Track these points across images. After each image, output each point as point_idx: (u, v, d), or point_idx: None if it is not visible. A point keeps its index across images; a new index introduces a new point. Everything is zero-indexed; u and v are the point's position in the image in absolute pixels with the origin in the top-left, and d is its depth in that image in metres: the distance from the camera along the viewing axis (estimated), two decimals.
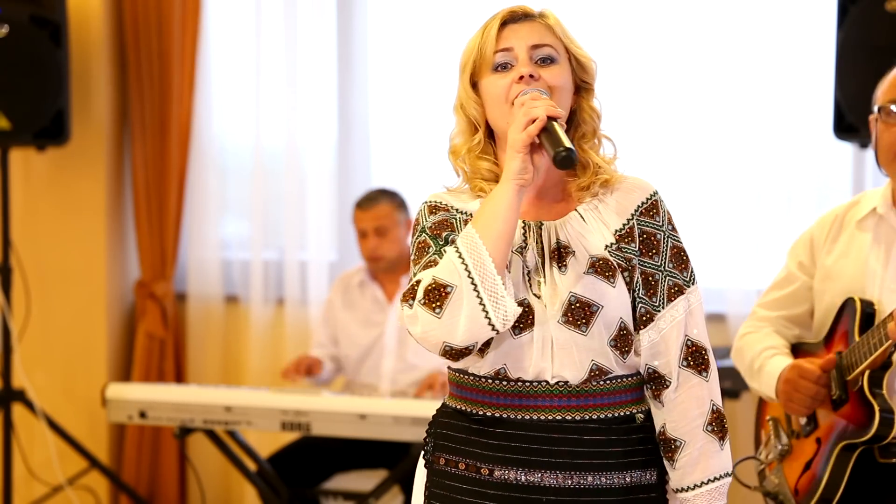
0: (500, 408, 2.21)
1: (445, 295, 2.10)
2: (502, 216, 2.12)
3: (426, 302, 2.11)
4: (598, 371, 2.19)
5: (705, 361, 2.23)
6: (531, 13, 2.26)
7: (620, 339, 2.19)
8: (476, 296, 2.09)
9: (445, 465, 2.27)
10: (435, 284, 2.11)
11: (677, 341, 2.21)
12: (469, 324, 2.10)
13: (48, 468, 4.90)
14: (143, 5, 5.00)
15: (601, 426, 2.20)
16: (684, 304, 2.24)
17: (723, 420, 2.23)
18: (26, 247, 5.02)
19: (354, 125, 5.04)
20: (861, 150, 4.36)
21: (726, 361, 4.27)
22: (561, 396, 2.18)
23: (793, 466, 2.84)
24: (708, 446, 2.21)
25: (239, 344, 5.15)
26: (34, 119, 4.67)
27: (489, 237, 2.11)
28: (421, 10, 4.94)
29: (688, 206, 4.66)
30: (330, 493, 4.36)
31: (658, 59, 4.65)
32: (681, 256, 2.25)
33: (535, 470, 2.19)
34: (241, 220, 5.20)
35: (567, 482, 2.19)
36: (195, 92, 5.02)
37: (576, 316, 2.16)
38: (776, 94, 4.54)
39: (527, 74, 2.20)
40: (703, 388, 2.22)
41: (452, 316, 2.10)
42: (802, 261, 2.91)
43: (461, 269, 2.11)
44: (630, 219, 2.23)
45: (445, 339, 2.12)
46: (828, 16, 4.24)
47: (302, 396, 4.10)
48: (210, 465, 5.08)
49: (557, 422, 2.19)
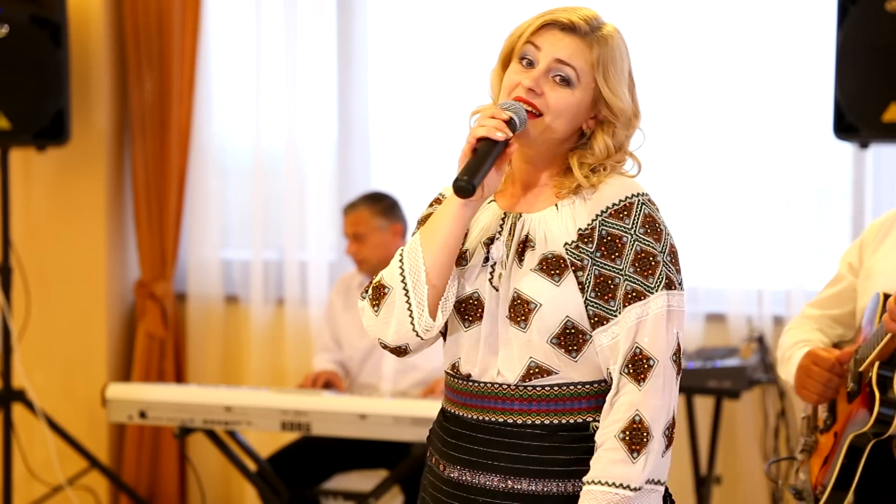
0: (456, 405, 2.26)
1: (383, 295, 2.21)
2: (446, 227, 2.18)
3: (370, 298, 2.23)
4: (538, 370, 2.17)
5: (645, 371, 2.12)
6: (579, 27, 2.20)
7: (566, 338, 2.16)
8: (406, 300, 2.19)
9: (429, 458, 2.34)
10: (378, 283, 2.23)
11: (624, 346, 2.13)
12: (397, 326, 2.20)
13: (48, 468, 4.90)
14: (143, 5, 5.00)
15: (545, 432, 2.18)
16: (638, 311, 2.13)
17: (643, 434, 2.10)
18: (26, 247, 5.02)
19: (354, 125, 5.04)
20: (861, 150, 4.35)
21: (727, 361, 4.29)
22: (503, 399, 2.19)
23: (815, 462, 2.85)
24: (613, 453, 2.11)
25: (239, 344, 5.15)
26: (34, 119, 4.67)
27: (429, 246, 2.18)
28: (421, 10, 4.94)
29: (688, 207, 4.66)
30: (330, 493, 4.36)
31: (658, 59, 4.65)
32: (647, 261, 2.14)
33: (474, 470, 2.22)
34: (241, 220, 5.20)
35: (501, 485, 2.19)
36: (195, 92, 5.02)
37: (517, 312, 2.17)
38: (776, 94, 4.54)
39: (527, 88, 2.18)
40: (633, 395, 2.11)
41: (386, 316, 2.21)
42: (852, 262, 2.92)
43: (398, 273, 2.20)
44: (594, 219, 2.17)
45: (380, 336, 2.24)
46: (828, 16, 4.24)
47: (302, 396, 4.10)
48: (210, 465, 5.08)
49: (498, 424, 2.20)
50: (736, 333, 4.59)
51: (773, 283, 4.61)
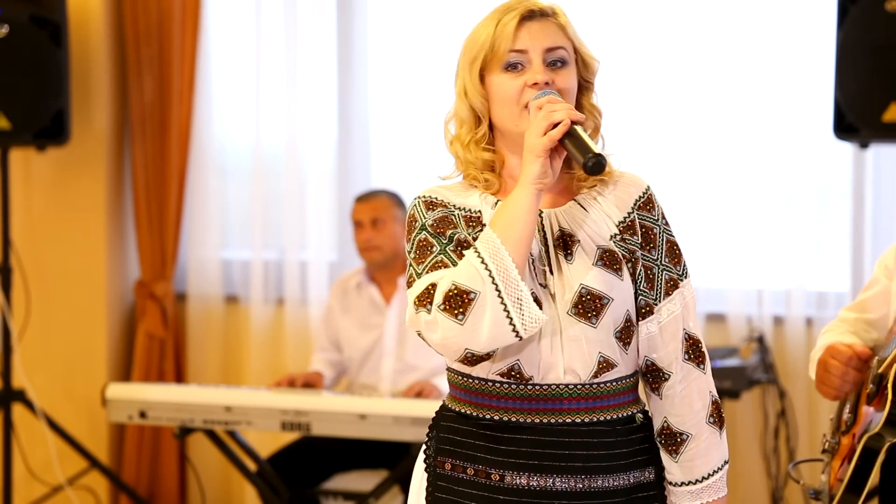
0: (509, 411, 2.19)
1: (469, 301, 2.06)
2: (522, 220, 2.10)
3: (447, 308, 2.07)
4: (605, 364, 2.18)
5: (702, 354, 2.25)
6: (546, 11, 2.22)
7: (625, 332, 2.19)
8: (500, 302, 2.06)
9: (452, 469, 2.24)
10: (457, 290, 2.07)
11: (676, 335, 2.22)
12: (493, 330, 2.07)
13: (48, 468, 4.90)
14: (143, 5, 5.00)
15: (607, 428, 2.21)
16: (680, 298, 2.24)
17: (720, 410, 2.26)
18: (26, 247, 5.02)
19: (354, 125, 5.04)
20: (861, 150, 4.35)
21: (726, 362, 4.29)
22: (571, 399, 2.18)
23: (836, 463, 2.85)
24: (712, 438, 2.24)
25: (239, 344, 5.15)
26: (34, 119, 4.67)
27: (510, 241, 2.08)
28: (421, 11, 4.94)
29: (688, 206, 4.66)
30: (330, 493, 4.36)
31: (658, 58, 4.65)
32: (674, 250, 2.26)
33: (546, 474, 2.18)
34: (241, 220, 5.20)
35: (578, 485, 2.19)
36: (195, 92, 5.02)
37: (586, 308, 2.15)
38: (776, 94, 4.54)
39: (542, 83, 2.17)
40: (702, 380, 2.24)
41: (476, 322, 2.06)
42: (888, 265, 2.90)
43: (485, 274, 2.07)
44: (631, 212, 2.23)
45: (468, 345, 2.09)
46: (828, 16, 4.24)
47: (302, 396, 4.10)
48: (210, 465, 5.08)
49: (568, 424, 2.18)
50: (736, 333, 4.59)
51: (773, 283, 4.61)
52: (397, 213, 4.48)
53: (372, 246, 4.45)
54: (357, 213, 4.51)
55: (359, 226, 4.49)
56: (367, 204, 4.50)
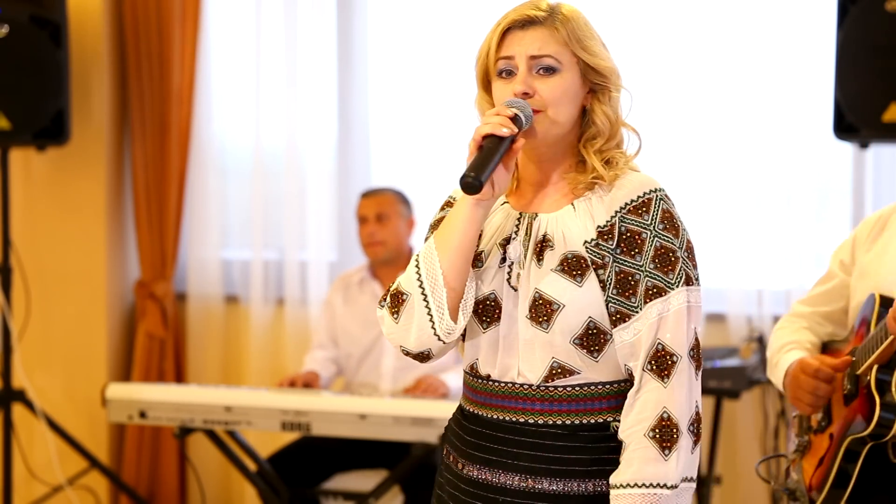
0: (476, 405, 2.26)
1: (402, 301, 2.20)
2: (460, 229, 2.17)
3: (389, 306, 2.22)
4: (560, 370, 2.17)
5: (669, 367, 2.14)
6: (537, 18, 2.21)
7: (588, 338, 2.16)
8: (425, 306, 2.18)
9: (446, 457, 2.34)
10: (396, 290, 2.22)
11: (646, 343, 2.15)
12: (418, 332, 2.19)
13: (48, 468, 4.90)
14: (143, 5, 5.00)
15: (565, 432, 2.18)
16: (660, 307, 2.15)
17: (672, 431, 2.12)
18: (26, 247, 5.02)
19: (354, 125, 5.04)
20: (861, 150, 4.35)
21: (727, 361, 4.29)
22: (525, 399, 2.20)
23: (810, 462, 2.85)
24: (645, 452, 2.11)
25: (239, 344, 5.15)
26: (34, 119, 4.67)
27: (445, 250, 2.17)
28: (421, 11, 4.94)
29: (688, 206, 4.65)
30: (330, 493, 4.36)
31: (658, 59, 4.65)
32: (667, 257, 2.17)
33: (495, 469, 2.22)
34: (241, 220, 5.20)
35: (523, 485, 2.20)
36: (195, 92, 5.03)
37: (538, 313, 2.16)
38: (776, 94, 4.54)
39: (520, 93, 2.19)
40: (659, 392, 2.14)
41: (407, 322, 2.20)
42: (843, 259, 2.91)
43: (415, 278, 2.19)
44: (613, 216, 2.19)
45: (401, 343, 2.22)
46: (828, 16, 4.24)
47: (302, 396, 4.11)
48: (210, 465, 5.08)
49: (519, 423, 2.20)
50: (736, 333, 4.59)
51: (773, 283, 4.61)
52: (402, 210, 4.49)
53: (375, 241, 4.46)
54: (362, 208, 4.52)
55: (363, 221, 4.50)
56: (372, 199, 4.51)
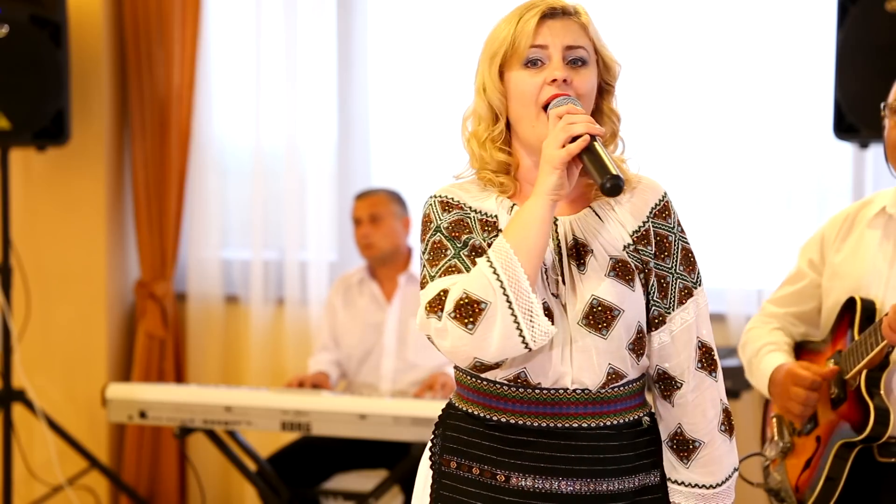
0: (517, 414, 2.18)
1: (479, 311, 2.05)
2: (536, 231, 2.07)
3: (457, 316, 2.05)
4: (615, 375, 2.17)
5: (714, 362, 2.24)
6: (569, 10, 2.20)
7: (637, 343, 2.18)
8: (511, 314, 2.04)
9: (457, 468, 2.24)
10: (468, 299, 2.05)
11: (689, 344, 2.21)
12: (502, 341, 2.05)
13: (48, 468, 4.90)
14: (143, 5, 5.01)
15: (614, 432, 2.20)
16: (694, 307, 2.22)
17: (731, 417, 2.27)
18: (26, 247, 5.02)
19: (354, 125, 5.04)
20: (861, 150, 4.36)
21: (727, 361, 4.29)
22: (578, 404, 2.17)
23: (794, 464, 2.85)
24: (724, 445, 2.25)
25: (239, 344, 5.15)
26: (34, 119, 4.67)
27: (523, 252, 2.06)
28: (421, 10, 4.94)
29: (688, 206, 4.66)
30: (330, 493, 4.36)
31: (658, 59, 4.65)
32: (689, 258, 2.25)
33: (552, 477, 2.18)
34: (241, 220, 5.20)
35: (584, 489, 2.18)
36: (195, 92, 5.03)
37: (597, 319, 2.14)
38: (776, 94, 4.54)
39: (560, 79, 2.14)
40: (714, 389, 2.24)
41: (485, 332, 2.05)
42: (812, 258, 2.91)
43: (496, 285, 2.05)
44: (646, 220, 2.21)
45: (477, 354, 2.08)
46: (828, 16, 4.24)
47: (302, 396, 4.11)
48: (210, 465, 5.08)
49: (575, 429, 2.18)
50: (736, 333, 4.59)
51: (773, 283, 4.59)
52: (396, 210, 4.49)
53: (370, 242, 4.47)
54: (356, 210, 4.54)
55: (358, 223, 4.52)
56: (365, 200, 4.53)
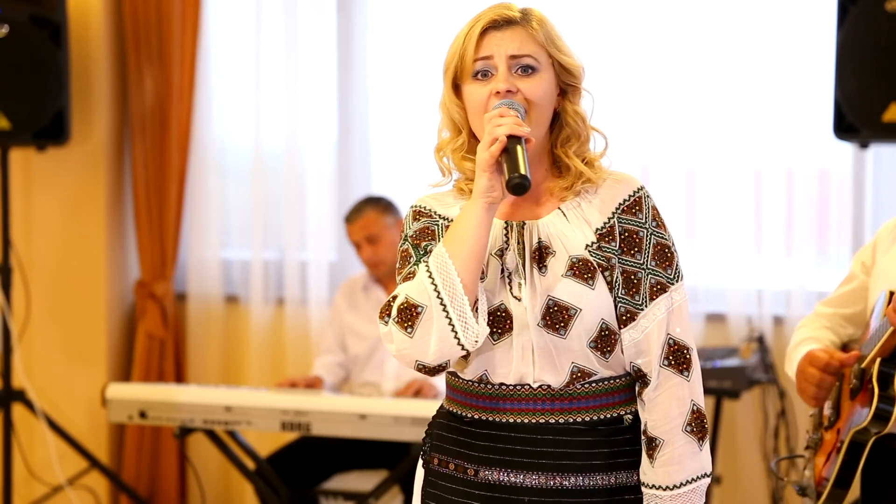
0: (485, 410, 2.23)
1: (416, 315, 2.13)
2: (472, 235, 2.13)
3: (399, 321, 2.14)
4: (580, 373, 2.19)
5: (687, 361, 2.21)
6: (514, 18, 2.22)
7: (602, 340, 2.19)
8: (445, 316, 2.11)
9: (438, 464, 2.30)
10: (407, 304, 2.14)
11: (658, 339, 2.19)
12: (439, 344, 2.13)
13: (48, 468, 4.90)
14: (143, 5, 5.00)
15: (586, 428, 2.21)
16: (666, 303, 2.20)
17: (703, 421, 2.22)
18: (26, 247, 5.02)
19: (354, 125, 5.04)
20: (861, 150, 4.35)
21: (727, 361, 4.29)
22: (544, 399, 2.20)
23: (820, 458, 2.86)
24: (686, 447, 2.20)
25: (239, 344, 5.15)
26: (34, 119, 4.67)
27: (459, 257, 2.13)
28: (421, 11, 4.94)
29: (688, 206, 4.66)
30: (330, 493, 4.36)
31: (658, 58, 4.65)
32: (664, 253, 2.22)
33: (518, 471, 2.21)
34: (241, 220, 5.20)
35: (549, 483, 2.20)
36: (195, 92, 5.03)
37: (554, 320, 2.16)
38: (776, 93, 4.54)
39: (503, 91, 2.18)
40: (683, 387, 2.20)
41: (423, 336, 2.13)
42: (865, 261, 2.92)
43: (430, 289, 2.12)
44: (611, 217, 2.21)
45: (417, 357, 2.15)
46: (828, 16, 4.24)
47: (302, 396, 4.11)
48: (210, 465, 5.08)
49: (540, 424, 2.20)
50: (736, 333, 4.59)
51: (773, 283, 4.61)
52: (388, 221, 4.47)
53: (376, 262, 4.46)
54: (351, 234, 4.53)
55: (358, 247, 4.51)
56: (356, 224, 4.49)
